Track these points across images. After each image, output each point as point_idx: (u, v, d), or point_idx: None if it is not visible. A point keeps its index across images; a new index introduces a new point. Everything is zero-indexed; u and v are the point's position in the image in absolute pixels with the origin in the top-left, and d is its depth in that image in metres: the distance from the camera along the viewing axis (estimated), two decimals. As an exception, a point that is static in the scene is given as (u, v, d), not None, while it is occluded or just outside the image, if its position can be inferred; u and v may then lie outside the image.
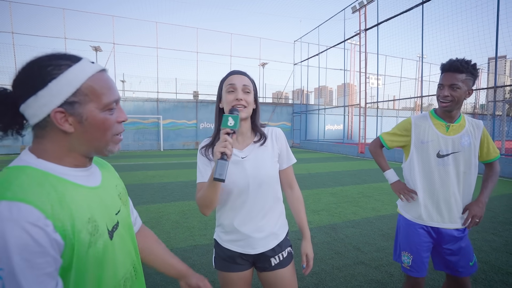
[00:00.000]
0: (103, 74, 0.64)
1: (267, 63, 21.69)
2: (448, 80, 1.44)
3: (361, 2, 13.77)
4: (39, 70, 0.57)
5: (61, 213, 0.55)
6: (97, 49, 17.46)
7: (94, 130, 0.62)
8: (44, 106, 0.57)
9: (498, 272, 2.62)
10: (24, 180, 0.54)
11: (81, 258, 0.57)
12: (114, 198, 0.72)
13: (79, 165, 0.65)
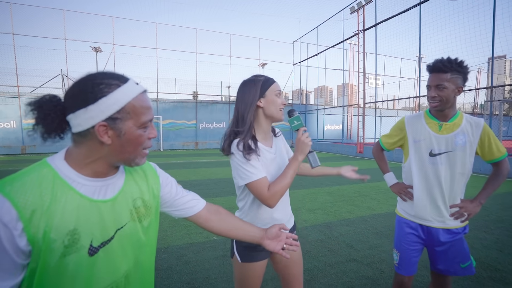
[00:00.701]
0: (144, 95, 0.71)
1: (266, 63, 21.75)
2: (434, 81, 1.45)
3: (360, 3, 13.82)
4: (92, 87, 0.64)
5: (39, 220, 0.59)
6: (97, 50, 17.53)
7: (129, 144, 0.69)
8: (91, 119, 0.64)
9: (486, 268, 2.68)
10: (30, 179, 0.62)
11: (48, 265, 0.61)
12: (122, 213, 0.74)
13: (100, 174, 0.70)
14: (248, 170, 1.17)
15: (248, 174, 1.17)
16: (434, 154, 1.53)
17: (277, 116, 1.28)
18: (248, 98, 1.24)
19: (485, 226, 3.82)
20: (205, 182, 6.96)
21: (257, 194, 1.18)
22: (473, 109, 30.13)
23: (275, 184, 1.17)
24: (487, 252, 3.03)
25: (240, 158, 1.18)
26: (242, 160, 1.18)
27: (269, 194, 1.16)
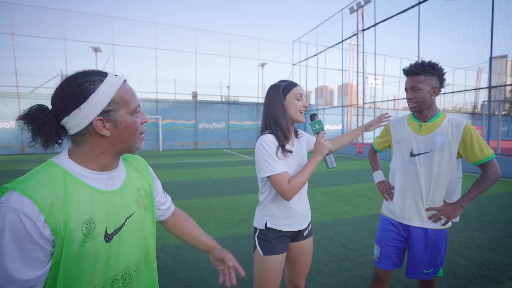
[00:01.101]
0: (126, 84, 0.76)
1: (266, 63, 21.77)
2: (409, 84, 1.53)
3: (359, 3, 13.83)
4: (78, 87, 0.68)
5: (58, 212, 0.64)
6: (96, 50, 17.56)
7: (126, 132, 0.74)
8: (87, 116, 0.68)
9: (479, 267, 2.70)
10: (41, 177, 0.66)
11: (71, 252, 0.65)
12: (129, 203, 0.79)
13: (104, 168, 0.75)
14: (271, 164, 1.28)
15: (271, 168, 1.28)
16: (414, 154, 1.58)
17: (297, 118, 1.39)
18: (273, 102, 1.37)
19: (480, 226, 3.84)
20: (203, 182, 6.99)
21: (277, 187, 1.28)
22: (474, 109, 30.12)
23: (294, 179, 1.28)
24: (480, 251, 3.05)
25: (265, 151, 1.30)
26: (267, 153, 1.29)
27: (288, 188, 1.27)
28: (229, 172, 8.57)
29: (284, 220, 1.39)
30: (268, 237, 1.39)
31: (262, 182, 1.42)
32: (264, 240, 1.40)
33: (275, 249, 1.39)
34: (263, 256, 1.39)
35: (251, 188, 6.28)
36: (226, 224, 3.92)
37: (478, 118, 28.51)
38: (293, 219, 1.40)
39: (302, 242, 1.48)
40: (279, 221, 1.39)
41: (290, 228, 1.40)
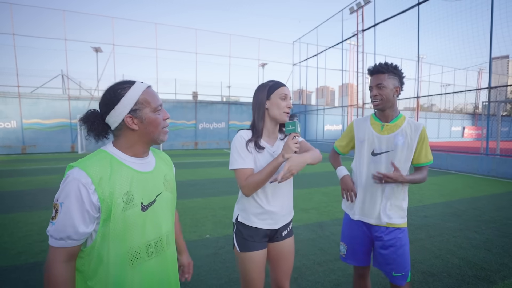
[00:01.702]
0: (150, 89, 0.98)
1: (266, 63, 21.79)
2: (374, 81, 1.58)
3: (359, 3, 13.85)
4: (114, 93, 0.92)
5: (105, 184, 0.85)
6: (97, 50, 17.62)
7: (150, 126, 0.95)
8: (120, 114, 0.92)
9: (472, 267, 2.72)
10: (95, 159, 0.89)
11: (116, 215, 0.86)
12: (158, 183, 1.01)
13: (138, 155, 0.97)
14: (235, 158, 1.33)
15: (233, 161, 1.33)
16: (376, 153, 1.62)
17: (280, 118, 1.39)
18: (257, 100, 1.41)
19: (477, 227, 3.86)
20: (201, 182, 7.02)
21: (237, 181, 1.33)
22: (475, 110, 30.05)
23: (252, 176, 1.31)
24: (475, 251, 3.07)
25: (233, 145, 1.35)
26: (234, 147, 1.34)
27: (245, 183, 1.30)
28: (228, 172, 8.60)
29: (254, 217, 1.39)
30: (242, 234, 1.41)
31: None
32: (240, 237, 1.41)
33: (250, 246, 1.39)
34: (240, 253, 1.40)
35: (250, 188, 6.29)
36: (223, 224, 3.94)
37: (479, 119, 28.47)
38: (264, 217, 1.39)
39: (280, 242, 1.47)
40: (249, 217, 1.40)
41: (261, 226, 1.40)
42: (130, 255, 0.90)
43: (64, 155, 13.73)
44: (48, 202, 5.03)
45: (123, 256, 0.88)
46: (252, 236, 1.40)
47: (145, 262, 0.93)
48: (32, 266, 2.70)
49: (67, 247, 0.83)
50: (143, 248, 0.92)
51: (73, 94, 16.25)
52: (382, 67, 1.56)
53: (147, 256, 0.93)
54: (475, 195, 5.70)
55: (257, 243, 1.40)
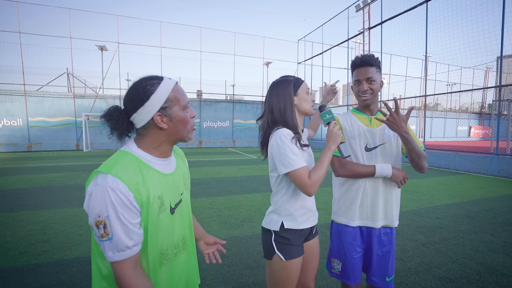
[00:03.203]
0: (178, 86, 0.92)
1: (271, 62, 21.65)
2: (364, 75, 1.46)
3: (365, 1, 13.65)
4: (143, 90, 0.85)
5: (142, 189, 0.81)
6: (102, 49, 17.64)
7: (180, 124, 0.90)
8: (149, 113, 0.85)
9: (492, 273, 2.58)
10: (124, 163, 0.82)
11: (153, 220, 0.84)
12: (180, 183, 0.99)
13: (164, 155, 0.93)
14: (292, 158, 1.22)
15: (292, 162, 1.22)
16: (370, 148, 1.51)
17: (310, 111, 1.39)
18: (284, 96, 1.34)
19: (492, 229, 3.71)
20: (206, 181, 6.94)
21: (299, 182, 1.21)
22: (481, 109, 29.61)
23: (313, 172, 1.23)
24: (493, 256, 2.93)
25: (284, 145, 1.23)
26: (286, 147, 1.23)
27: (310, 182, 1.22)
28: (233, 171, 8.51)
29: (300, 218, 1.34)
30: (289, 240, 1.31)
31: (276, 181, 1.34)
32: (283, 244, 1.31)
33: (296, 251, 1.32)
34: (285, 262, 1.29)
35: (255, 187, 6.20)
36: (229, 224, 3.85)
37: (486, 118, 28.05)
38: (307, 215, 1.36)
39: (313, 240, 1.45)
40: (296, 220, 1.33)
41: (306, 225, 1.35)
42: (160, 257, 0.89)
43: (69, 153, 13.76)
44: (52, 200, 4.98)
45: (155, 258, 0.88)
46: (298, 240, 1.34)
47: (172, 261, 0.93)
48: (33, 268, 2.63)
49: (133, 255, 0.79)
50: (172, 249, 0.93)
51: (78, 92, 16.30)
52: (372, 59, 1.46)
53: (173, 256, 0.94)
54: (486, 196, 5.53)
55: (300, 246, 1.35)
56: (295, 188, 1.31)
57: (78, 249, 3.00)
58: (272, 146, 1.27)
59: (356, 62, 1.50)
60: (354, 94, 1.55)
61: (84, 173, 7.77)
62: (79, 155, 12.74)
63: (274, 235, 1.32)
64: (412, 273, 2.56)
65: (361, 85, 1.48)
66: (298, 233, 1.33)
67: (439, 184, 6.74)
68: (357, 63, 1.49)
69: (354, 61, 1.51)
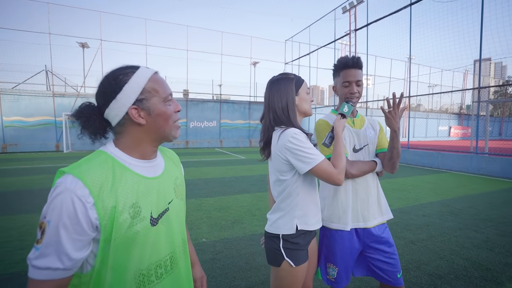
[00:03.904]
0: (157, 75, 0.81)
1: (258, 62, 21.65)
2: (355, 77, 1.45)
3: (351, 3, 13.89)
4: (114, 80, 0.75)
5: (107, 195, 0.68)
6: (84, 46, 17.04)
7: (160, 119, 0.78)
8: (123, 106, 0.74)
9: (478, 268, 2.66)
10: (93, 163, 0.71)
11: (120, 235, 0.69)
12: (169, 189, 0.85)
13: (145, 156, 0.81)
14: (312, 153, 1.18)
15: (313, 157, 1.17)
16: (357, 149, 1.51)
17: (310, 112, 1.36)
18: (286, 94, 1.29)
19: (475, 225, 3.84)
20: (194, 181, 6.81)
21: (326, 174, 1.18)
22: (460, 110, 30.89)
23: (337, 161, 1.22)
24: (478, 251, 3.03)
25: (301, 143, 1.18)
26: (303, 144, 1.18)
27: (338, 170, 1.20)
28: (221, 171, 8.42)
29: (313, 218, 1.29)
30: (298, 244, 1.25)
31: (290, 183, 1.24)
32: (293, 249, 1.24)
33: (303, 256, 1.27)
34: (295, 268, 1.23)
35: (244, 188, 6.15)
36: (219, 226, 3.78)
37: (465, 119, 29.29)
38: (318, 216, 1.33)
39: (313, 241, 1.41)
40: (309, 220, 1.27)
41: (317, 226, 1.31)
42: (137, 281, 0.73)
43: (48, 154, 13.18)
44: (30, 205, 4.72)
45: (129, 283, 0.72)
46: (306, 244, 1.29)
47: (155, 285, 0.77)
48: (10, 277, 2.46)
49: (55, 278, 0.64)
50: (152, 270, 0.77)
51: (58, 91, 15.65)
52: (360, 62, 1.45)
53: (156, 279, 0.77)
54: (468, 194, 5.74)
55: (306, 250, 1.29)
56: (309, 187, 1.27)
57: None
58: (282, 147, 1.19)
59: (347, 63, 1.45)
60: (339, 95, 1.52)
61: (65, 175, 7.44)
62: (60, 157, 12.22)
63: (282, 241, 1.25)
64: (403, 271, 2.59)
65: (351, 87, 1.45)
66: (307, 235, 1.29)
67: (424, 182, 6.94)
68: (348, 64, 1.45)
69: (344, 61, 1.46)
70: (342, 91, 1.49)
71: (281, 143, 1.21)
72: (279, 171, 1.25)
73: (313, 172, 1.18)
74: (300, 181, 1.25)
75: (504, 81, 39.06)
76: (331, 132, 1.33)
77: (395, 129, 1.38)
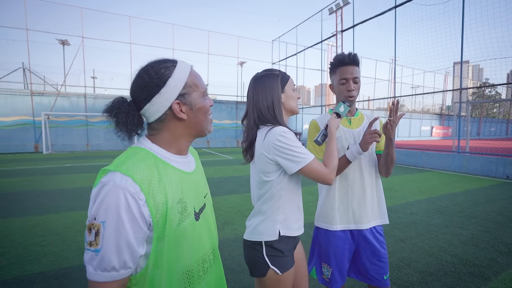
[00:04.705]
0: (194, 70, 0.80)
1: (245, 62, 21.58)
2: (351, 74, 1.41)
3: (338, 4, 14.08)
4: (156, 74, 0.72)
5: (156, 191, 0.67)
6: (64, 43, 16.38)
7: (200, 113, 0.78)
8: (166, 101, 0.72)
9: (466, 264, 2.72)
10: (137, 159, 0.68)
11: (172, 232, 0.68)
12: (204, 183, 0.87)
13: (181, 152, 0.79)
14: (302, 153, 1.13)
15: (303, 157, 1.12)
16: None
17: (296, 110, 1.30)
18: (272, 92, 1.22)
19: (460, 222, 3.94)
20: (182, 182, 6.67)
21: (317, 174, 1.15)
22: (441, 110, 32.04)
23: (329, 160, 1.19)
24: (464, 247, 3.10)
25: (290, 141, 1.13)
26: (292, 143, 1.13)
27: (329, 170, 1.17)
28: (209, 172, 8.29)
29: (296, 224, 1.22)
30: (282, 252, 1.17)
31: (273, 185, 1.18)
32: (277, 256, 1.17)
33: (289, 262, 1.20)
34: (281, 275, 1.16)
35: (234, 188, 6.07)
36: (210, 227, 3.69)
37: (445, 119, 30.40)
38: (301, 221, 1.25)
39: (299, 245, 1.33)
40: (291, 226, 1.20)
41: (299, 232, 1.23)
42: (186, 277, 0.73)
43: (26, 156, 12.56)
44: (7, 209, 4.45)
45: (180, 279, 0.72)
46: (291, 250, 1.21)
47: (202, 280, 0.77)
48: (-15, 286, 2.29)
49: (120, 279, 0.62)
50: (200, 265, 0.77)
51: (36, 90, 14.96)
52: (357, 59, 1.43)
53: (203, 273, 0.78)
54: (452, 191, 5.91)
55: (291, 256, 1.22)
56: (293, 189, 1.21)
57: (41, 263, 2.68)
58: (270, 146, 1.12)
59: (344, 60, 1.41)
60: (337, 92, 1.47)
61: (44, 177, 7.10)
62: (39, 158, 11.68)
63: (266, 248, 1.17)
64: (395, 269, 2.61)
65: (348, 84, 1.42)
66: (291, 241, 1.21)
67: (410, 181, 7.10)
68: (345, 61, 1.41)
69: (341, 58, 1.43)
70: (339, 88, 1.45)
71: (268, 142, 1.13)
72: (263, 171, 1.18)
73: (302, 172, 1.14)
74: (285, 183, 1.18)
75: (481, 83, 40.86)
76: (324, 130, 1.30)
77: (390, 137, 1.36)
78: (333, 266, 1.46)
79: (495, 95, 37.68)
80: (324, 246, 1.48)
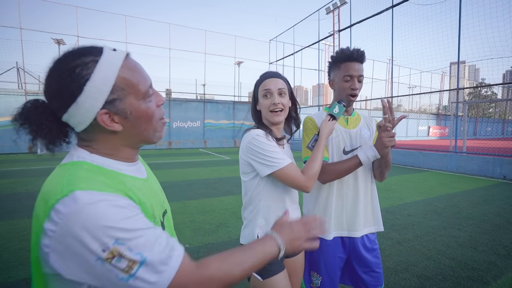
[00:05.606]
0: (130, 60, 0.60)
1: (242, 61, 21.48)
2: (358, 71, 1.32)
3: (335, 4, 14.04)
4: (70, 75, 0.53)
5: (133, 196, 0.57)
6: (60, 42, 16.20)
7: (141, 122, 0.61)
8: (88, 112, 0.55)
9: (464, 268, 2.66)
10: (86, 174, 0.54)
11: None
12: (159, 189, 0.77)
13: (129, 159, 0.66)
14: (275, 157, 1.10)
15: (277, 161, 1.10)
16: (347, 151, 1.39)
17: (273, 120, 1.20)
18: (253, 95, 1.25)
19: (458, 224, 3.89)
20: (178, 183, 6.58)
21: (291, 180, 1.11)
22: (438, 110, 32.15)
23: (308, 166, 1.15)
24: (462, 250, 3.04)
25: (262, 144, 1.11)
26: (265, 147, 1.11)
27: (306, 178, 1.12)
28: (205, 172, 8.21)
29: None
30: None
31: (251, 187, 1.19)
32: None
33: (274, 268, 1.13)
34: (262, 281, 1.13)
35: (229, 189, 5.99)
36: (203, 230, 3.61)
37: (442, 119, 30.51)
38: None
39: (296, 257, 1.27)
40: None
41: None
42: None
43: (20, 157, 12.40)
44: (1, 210, 4.34)
45: None
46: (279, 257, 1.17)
47: None
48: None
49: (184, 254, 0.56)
50: None
51: (31, 89, 14.78)
52: (365, 57, 1.34)
53: None
54: (450, 192, 5.87)
55: (277, 264, 1.15)
56: (273, 192, 1.18)
57: (27, 268, 2.58)
58: (244, 148, 1.16)
59: (352, 55, 1.30)
60: (337, 89, 1.37)
61: (39, 179, 6.97)
62: (33, 159, 11.52)
63: None
64: (392, 273, 2.55)
65: (353, 81, 1.32)
66: None
67: (407, 181, 7.06)
68: (353, 57, 1.30)
69: (348, 53, 1.31)
70: (341, 85, 1.34)
71: (243, 143, 1.17)
72: (242, 171, 1.22)
73: (276, 176, 1.12)
74: (262, 185, 1.17)
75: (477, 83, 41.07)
76: (316, 135, 1.24)
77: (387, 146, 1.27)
78: (323, 274, 1.39)
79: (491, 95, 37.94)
80: (314, 254, 1.41)
